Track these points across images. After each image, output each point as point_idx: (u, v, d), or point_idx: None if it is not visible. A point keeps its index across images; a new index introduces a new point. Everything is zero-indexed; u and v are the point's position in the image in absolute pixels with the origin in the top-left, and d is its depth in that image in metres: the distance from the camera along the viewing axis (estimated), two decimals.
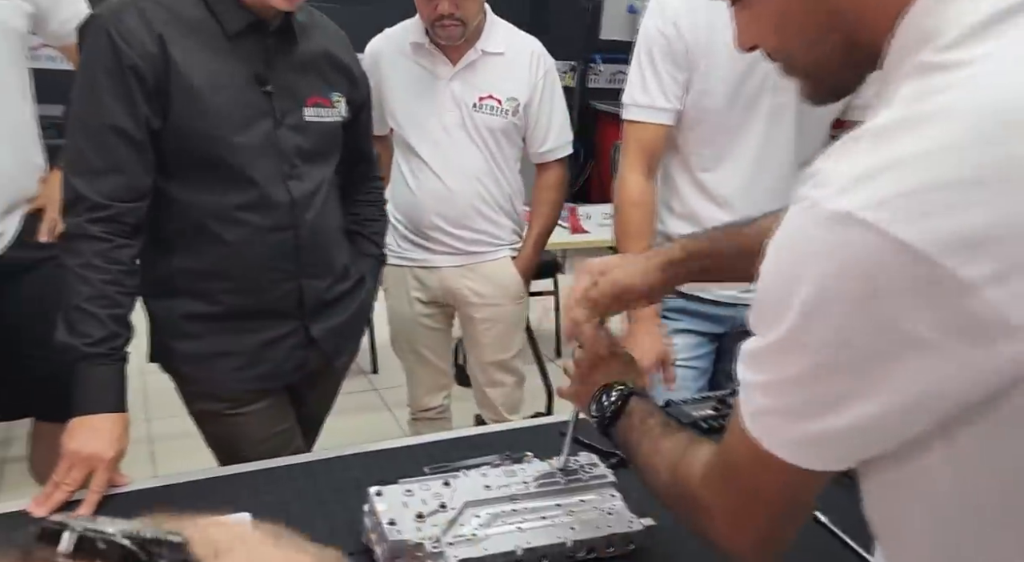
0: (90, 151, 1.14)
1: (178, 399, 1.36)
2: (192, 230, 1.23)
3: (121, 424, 1.09)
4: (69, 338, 1.10)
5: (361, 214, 1.47)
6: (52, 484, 1.00)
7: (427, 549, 0.87)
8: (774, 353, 0.53)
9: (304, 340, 1.34)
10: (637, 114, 1.46)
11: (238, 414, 1.32)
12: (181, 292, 1.27)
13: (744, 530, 0.63)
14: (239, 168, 1.20)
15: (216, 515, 0.95)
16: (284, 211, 1.25)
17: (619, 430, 0.84)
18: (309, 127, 1.27)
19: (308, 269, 1.31)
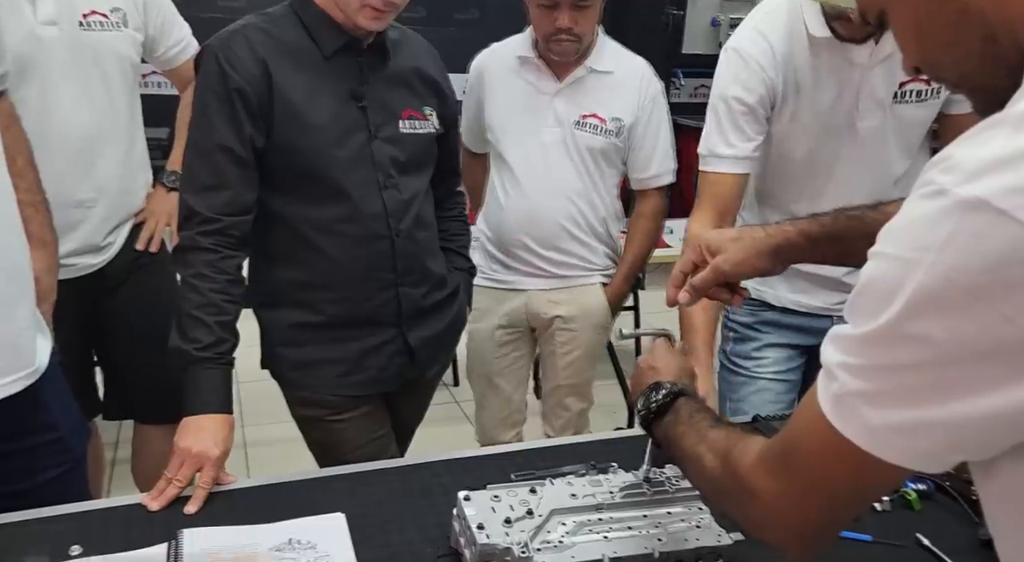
0: (201, 169, 1.23)
1: (271, 407, 1.43)
2: (294, 242, 1.31)
3: (227, 425, 1.15)
4: (181, 343, 1.18)
5: (448, 229, 1.52)
6: (164, 480, 1.07)
7: (515, 554, 0.88)
8: (877, 338, 0.51)
9: (402, 348, 1.40)
10: (714, 165, 1.39)
11: (338, 420, 1.38)
12: (286, 302, 1.35)
13: (792, 518, 0.61)
14: (335, 181, 1.27)
15: (314, 515, 1.00)
16: (379, 221, 1.31)
17: (663, 426, 0.85)
18: (404, 139, 1.33)
19: (405, 277, 1.36)
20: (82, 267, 1.60)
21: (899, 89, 1.31)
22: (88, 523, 1.00)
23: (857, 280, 0.54)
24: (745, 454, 0.65)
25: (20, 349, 1.07)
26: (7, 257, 1.06)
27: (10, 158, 1.13)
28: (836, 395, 0.54)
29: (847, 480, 0.57)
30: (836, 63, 1.32)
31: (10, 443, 1.08)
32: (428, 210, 1.41)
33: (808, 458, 0.58)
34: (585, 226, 1.85)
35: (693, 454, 0.75)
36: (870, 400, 0.52)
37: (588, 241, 1.87)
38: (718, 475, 0.69)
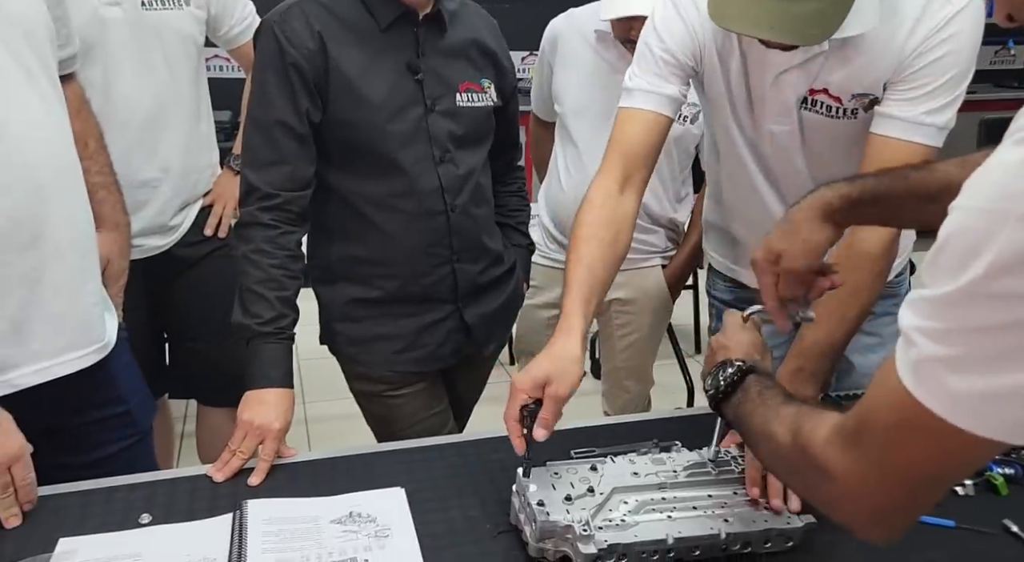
0: (260, 145, 1.23)
1: (332, 384, 1.44)
2: (351, 218, 1.31)
3: (287, 399, 1.16)
4: (243, 318, 1.19)
5: (507, 204, 1.50)
6: (228, 451, 1.09)
7: (577, 532, 0.87)
8: (959, 299, 0.47)
9: (458, 325, 1.39)
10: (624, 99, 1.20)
11: (396, 396, 1.38)
12: (343, 278, 1.35)
13: (868, 496, 0.57)
14: (391, 155, 1.26)
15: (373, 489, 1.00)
16: (435, 196, 1.29)
17: (732, 404, 0.81)
18: (461, 112, 1.30)
19: (461, 253, 1.35)
20: (149, 248, 1.64)
21: (809, 96, 1.12)
22: (156, 493, 1.03)
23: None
24: (817, 430, 0.61)
25: (89, 325, 1.10)
26: (77, 234, 1.08)
27: (81, 141, 1.16)
28: (915, 362, 0.51)
29: (927, 455, 0.53)
30: (753, 58, 1.14)
31: (81, 415, 1.12)
32: (485, 185, 1.39)
33: (885, 432, 0.54)
34: (645, 215, 1.79)
35: (763, 432, 0.71)
36: (952, 366, 0.48)
37: (648, 226, 1.82)
38: (789, 453, 0.65)
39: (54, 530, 0.93)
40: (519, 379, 0.93)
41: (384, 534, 0.95)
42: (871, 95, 1.08)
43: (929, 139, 1.05)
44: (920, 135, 1.05)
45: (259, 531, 0.94)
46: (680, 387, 2.63)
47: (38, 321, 1.01)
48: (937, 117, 1.04)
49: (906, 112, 1.05)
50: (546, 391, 0.92)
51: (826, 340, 1.04)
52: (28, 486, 0.96)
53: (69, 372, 1.05)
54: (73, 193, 1.08)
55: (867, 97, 1.09)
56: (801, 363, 1.05)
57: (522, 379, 0.93)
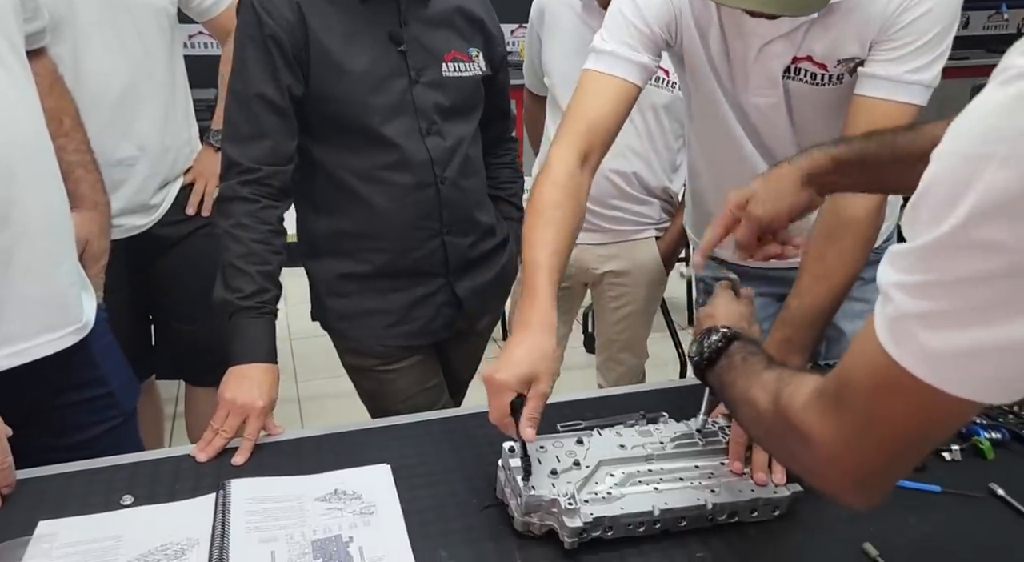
0: (240, 119, 1.21)
1: (325, 362, 1.43)
2: (339, 192, 1.28)
3: (271, 374, 1.14)
4: (224, 293, 1.17)
5: (499, 176, 1.47)
6: (211, 430, 1.07)
7: (562, 505, 0.86)
8: (938, 249, 0.45)
9: (450, 299, 1.38)
10: (592, 61, 1.13)
11: (388, 370, 1.38)
12: (332, 253, 1.33)
13: (848, 461, 0.56)
14: (377, 129, 1.23)
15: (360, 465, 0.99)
16: (424, 169, 1.27)
17: (716, 372, 0.80)
18: (448, 83, 1.28)
19: (451, 226, 1.33)
20: (130, 227, 1.61)
21: (792, 65, 1.09)
22: (138, 474, 1.02)
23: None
24: (797, 394, 0.60)
25: (67, 305, 1.08)
26: (49, 215, 1.06)
27: (55, 119, 1.13)
28: (891, 319, 0.49)
29: (906, 417, 0.51)
30: (732, 29, 1.11)
31: (62, 397, 1.10)
32: (476, 156, 1.37)
33: (863, 394, 0.53)
34: (639, 185, 1.78)
35: (745, 399, 0.70)
36: (929, 322, 0.47)
37: (643, 197, 1.80)
38: (769, 419, 0.64)
39: (34, 513, 0.92)
40: (505, 378, 0.87)
41: (369, 511, 0.94)
42: (857, 58, 1.06)
43: (915, 97, 1.03)
44: (906, 94, 1.03)
45: (242, 510, 0.93)
46: (673, 360, 2.64)
47: (10, 303, 0.99)
48: (923, 75, 1.02)
49: (891, 71, 1.02)
50: (533, 389, 0.88)
51: (813, 308, 1.03)
52: (6, 469, 0.95)
53: (46, 354, 1.04)
54: (44, 173, 1.05)
55: (853, 61, 1.06)
56: (788, 333, 1.04)
57: (507, 377, 0.87)
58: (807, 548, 0.88)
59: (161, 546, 0.87)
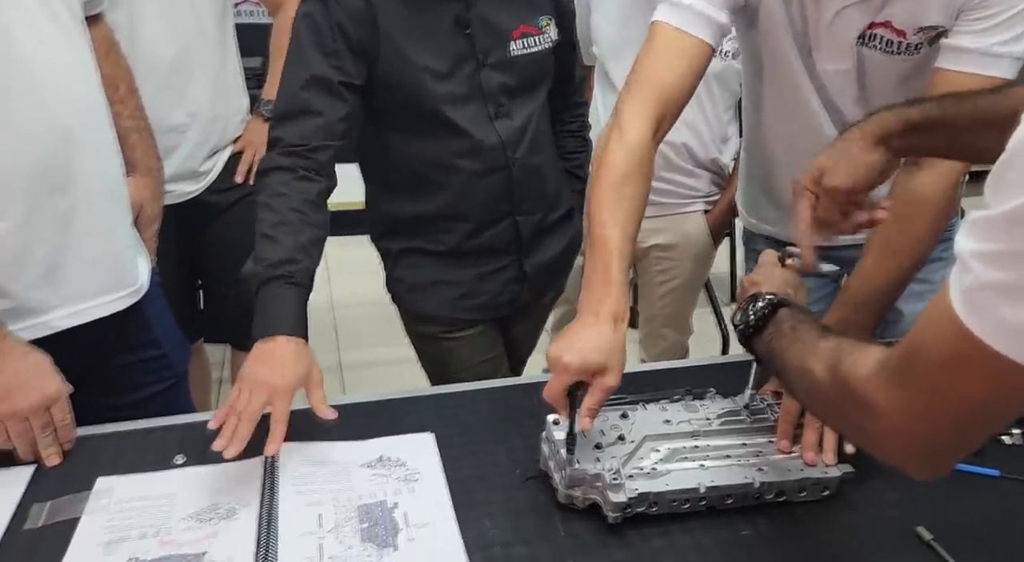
0: (291, 99, 1.19)
1: (366, 332, 1.44)
2: (412, 178, 1.29)
3: (294, 350, 0.99)
4: (252, 265, 1.09)
5: (564, 146, 1.45)
6: (230, 408, 0.94)
7: (606, 480, 0.85)
8: (1022, 216, 0.43)
9: (517, 274, 1.38)
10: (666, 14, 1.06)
11: (452, 339, 1.39)
12: (404, 233, 1.35)
13: (914, 433, 0.54)
14: (446, 116, 1.22)
15: (405, 433, 0.99)
16: (495, 153, 1.26)
17: (763, 340, 0.77)
18: (515, 62, 1.25)
19: (522, 206, 1.33)
20: (179, 194, 1.64)
21: (868, 30, 1.03)
22: (190, 434, 1.04)
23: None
24: (860, 364, 0.58)
25: (122, 269, 1.11)
26: (107, 179, 1.08)
27: (112, 85, 1.14)
28: (969, 289, 0.47)
29: (978, 390, 0.49)
30: None
31: (117, 358, 1.13)
32: (544, 130, 1.35)
33: (934, 365, 0.51)
34: (688, 157, 1.74)
35: (799, 367, 0.68)
36: (1009, 293, 0.45)
37: (692, 169, 1.76)
38: (828, 389, 0.62)
39: (92, 469, 0.95)
40: (572, 362, 0.84)
41: (414, 478, 0.95)
42: (940, 27, 1.00)
43: (1004, 71, 0.97)
44: (995, 67, 0.97)
45: (290, 474, 0.95)
46: (715, 336, 2.60)
47: (71, 265, 1.02)
48: (1013, 47, 0.96)
49: (980, 43, 0.96)
50: (599, 380, 0.86)
51: (876, 291, 0.99)
52: (67, 426, 0.98)
53: (103, 315, 1.06)
54: (102, 137, 1.07)
55: (935, 30, 1.01)
56: (847, 313, 1.00)
57: (574, 362, 0.84)
58: (857, 530, 0.86)
59: (212, 506, 0.90)
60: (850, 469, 0.89)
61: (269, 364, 0.98)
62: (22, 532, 0.85)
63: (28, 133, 0.95)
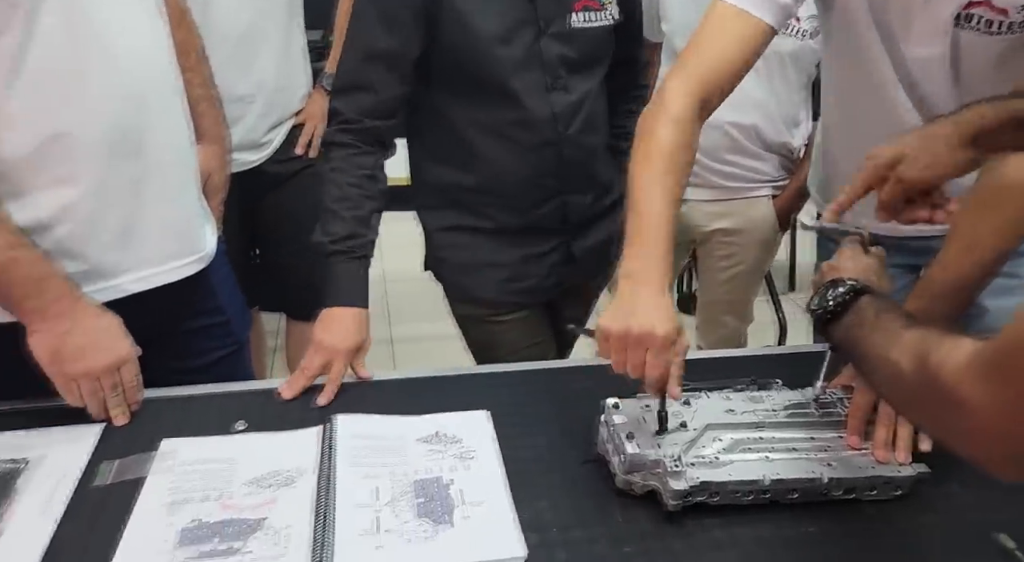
0: (350, 71, 1.20)
1: (418, 306, 1.44)
2: (460, 146, 1.27)
3: (359, 318, 1.13)
4: (319, 236, 1.18)
5: (623, 127, 1.41)
6: (299, 370, 1.08)
7: (667, 467, 0.83)
8: None
9: (565, 257, 1.36)
10: None
11: (498, 322, 1.38)
12: (449, 204, 1.33)
13: (1006, 431, 0.51)
14: (501, 82, 1.20)
15: (459, 410, 1.00)
16: (546, 126, 1.24)
17: (842, 326, 0.74)
18: (576, 35, 1.23)
19: (571, 185, 1.30)
20: (241, 163, 1.65)
21: (964, 11, 0.96)
22: (251, 402, 1.06)
23: None
24: (950, 357, 0.55)
25: (191, 235, 1.12)
26: (178, 145, 1.09)
27: (183, 52, 1.15)
28: None
29: None
30: None
31: (182, 323, 1.15)
32: (600, 111, 1.32)
33: None
34: (756, 139, 1.67)
35: (882, 357, 0.65)
36: None
37: (759, 152, 1.70)
38: (913, 383, 0.59)
39: (157, 431, 0.97)
40: (669, 330, 0.84)
41: (469, 456, 0.95)
42: None
43: None
44: None
45: (347, 445, 0.95)
46: (772, 325, 2.54)
47: (143, 229, 1.03)
48: None
49: None
50: (676, 346, 0.86)
51: (957, 282, 0.93)
52: (134, 388, 1.01)
53: (172, 280, 1.08)
54: (173, 104, 1.08)
55: None
56: (925, 304, 0.95)
57: (671, 330, 0.84)
58: (930, 533, 0.83)
59: (272, 472, 0.91)
60: (925, 469, 0.85)
61: (331, 330, 1.11)
62: (91, 488, 0.88)
63: (103, 98, 0.96)
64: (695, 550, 0.80)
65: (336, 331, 1.11)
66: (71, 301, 0.95)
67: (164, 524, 0.82)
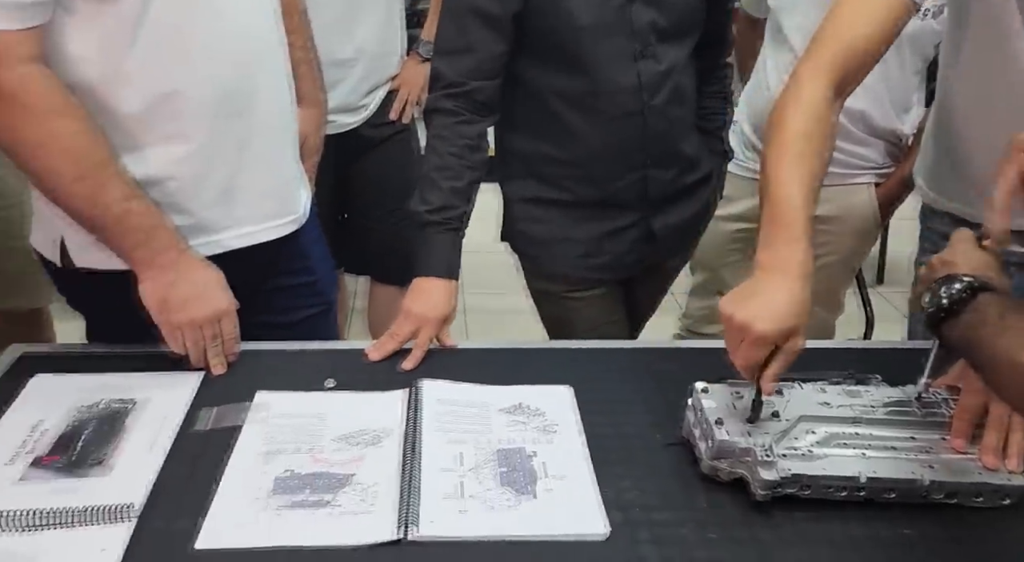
0: (451, 32, 1.19)
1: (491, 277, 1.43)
2: (541, 114, 1.26)
3: (448, 289, 1.15)
4: (416, 204, 1.19)
5: (707, 107, 1.38)
6: (387, 334, 1.10)
7: (757, 456, 0.81)
8: None
9: (645, 234, 1.33)
10: None
11: (574, 298, 1.37)
12: (529, 175, 1.32)
13: None
14: (588, 49, 1.18)
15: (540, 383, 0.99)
16: (631, 96, 1.21)
17: (958, 325, 0.70)
18: (667, 2, 1.19)
19: (655, 159, 1.27)
20: (339, 125, 1.69)
21: None
22: (340, 360, 1.08)
23: None
24: None
25: (288, 196, 1.15)
26: (280, 108, 1.11)
27: (287, 14, 1.17)
28: None
29: None
30: None
31: (273, 281, 1.18)
32: (687, 84, 1.28)
33: None
34: (863, 125, 1.59)
35: (1010, 361, 0.62)
36: None
37: (865, 138, 1.62)
38: None
39: (251, 382, 1.01)
40: (768, 330, 0.81)
41: (552, 429, 0.95)
42: None
43: None
44: None
45: (432, 410, 0.97)
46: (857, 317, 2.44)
47: (244, 189, 1.06)
48: None
49: None
50: (787, 345, 0.83)
51: None
52: (232, 340, 1.04)
53: (268, 239, 1.11)
54: (278, 66, 1.10)
55: None
56: None
57: (771, 331, 0.81)
58: None
59: (359, 430, 0.93)
60: None
61: (421, 299, 1.13)
62: (192, 432, 0.92)
63: (213, 59, 0.99)
64: (784, 542, 0.78)
65: (426, 301, 1.12)
66: (178, 253, 0.99)
67: (259, 472, 0.85)
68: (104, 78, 0.93)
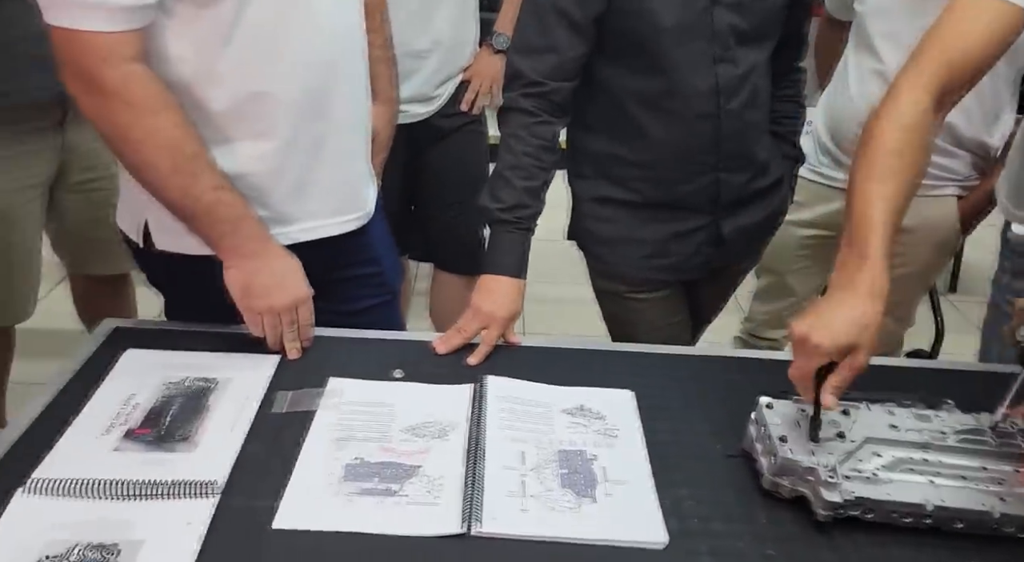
0: (532, 30, 1.20)
1: (549, 268, 1.41)
2: (616, 115, 1.26)
3: (515, 288, 1.17)
4: (487, 201, 1.20)
5: (780, 110, 1.35)
6: (454, 329, 1.12)
7: (821, 476, 0.81)
8: None
9: (713, 237, 1.33)
10: None
11: (637, 299, 1.37)
12: (600, 175, 1.32)
13: None
14: (667, 50, 1.17)
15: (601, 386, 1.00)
16: (707, 98, 1.20)
17: None
18: (749, 5, 1.18)
19: (727, 162, 1.26)
20: (411, 115, 1.71)
21: None
22: (407, 351, 1.11)
23: None
24: None
25: (356, 194, 1.18)
26: (357, 109, 1.13)
27: (369, 14, 1.19)
28: None
29: None
30: None
31: (340, 272, 1.21)
32: (764, 87, 1.27)
33: None
34: (949, 136, 1.54)
35: None
36: None
37: (950, 149, 1.56)
38: None
39: (323, 369, 1.04)
40: (823, 343, 0.81)
41: (613, 434, 0.96)
42: None
43: None
44: None
45: (496, 406, 0.99)
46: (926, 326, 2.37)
47: (316, 185, 1.09)
48: None
49: None
50: (849, 359, 0.83)
51: None
52: (307, 326, 1.08)
53: (336, 233, 1.14)
54: (358, 68, 1.12)
55: None
56: None
57: (826, 344, 0.81)
58: None
59: (426, 422, 0.96)
60: None
61: (490, 298, 1.15)
62: (270, 414, 0.96)
63: (301, 62, 1.02)
64: None
65: (495, 300, 1.14)
66: (262, 242, 1.03)
67: (332, 457, 0.89)
68: (197, 77, 0.97)
